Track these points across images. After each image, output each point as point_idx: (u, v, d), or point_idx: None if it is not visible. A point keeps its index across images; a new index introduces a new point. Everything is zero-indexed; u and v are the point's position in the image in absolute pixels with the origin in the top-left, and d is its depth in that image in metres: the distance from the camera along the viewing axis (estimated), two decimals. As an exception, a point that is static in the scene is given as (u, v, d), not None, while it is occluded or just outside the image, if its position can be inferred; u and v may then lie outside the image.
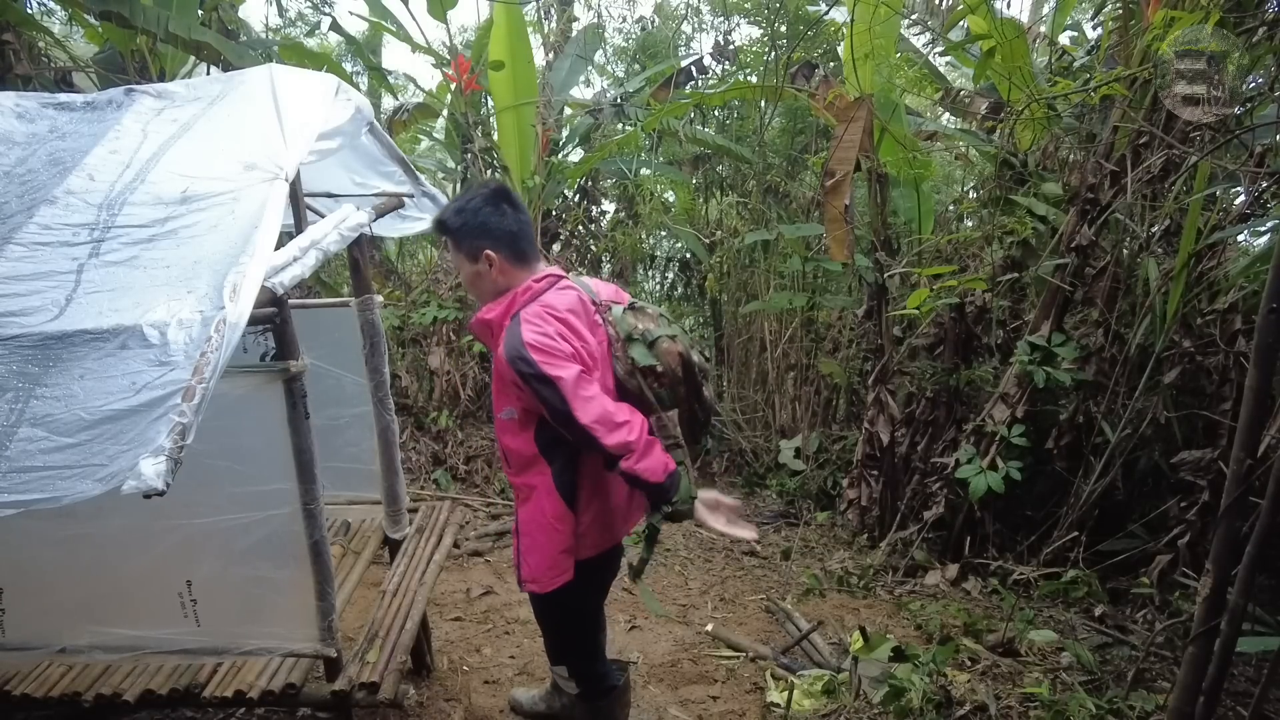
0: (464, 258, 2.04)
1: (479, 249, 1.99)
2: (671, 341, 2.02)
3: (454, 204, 2.08)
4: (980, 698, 2.79)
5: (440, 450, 5.61)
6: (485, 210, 2.00)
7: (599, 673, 2.29)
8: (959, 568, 3.99)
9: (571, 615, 2.22)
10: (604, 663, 2.33)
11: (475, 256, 2.01)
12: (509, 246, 2.01)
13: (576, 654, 2.27)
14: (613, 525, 2.13)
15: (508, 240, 2.01)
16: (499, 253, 2.00)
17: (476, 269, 2.02)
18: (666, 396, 2.03)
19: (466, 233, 2.01)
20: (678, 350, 2.02)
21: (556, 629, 2.25)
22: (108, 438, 1.28)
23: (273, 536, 1.95)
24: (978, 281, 4.12)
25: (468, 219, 2.01)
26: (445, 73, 6.42)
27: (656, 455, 1.85)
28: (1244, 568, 1.78)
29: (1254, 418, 1.74)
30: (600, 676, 2.29)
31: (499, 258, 2.00)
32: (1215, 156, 3.39)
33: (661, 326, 2.05)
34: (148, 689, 2.07)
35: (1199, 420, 3.74)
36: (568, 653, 2.28)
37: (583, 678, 2.28)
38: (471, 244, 2.00)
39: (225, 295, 1.44)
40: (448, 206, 2.12)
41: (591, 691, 2.29)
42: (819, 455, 5.46)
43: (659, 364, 1.98)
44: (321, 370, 2.53)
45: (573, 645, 2.26)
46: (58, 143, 2.00)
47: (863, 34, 4.15)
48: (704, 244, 6.52)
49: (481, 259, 2.00)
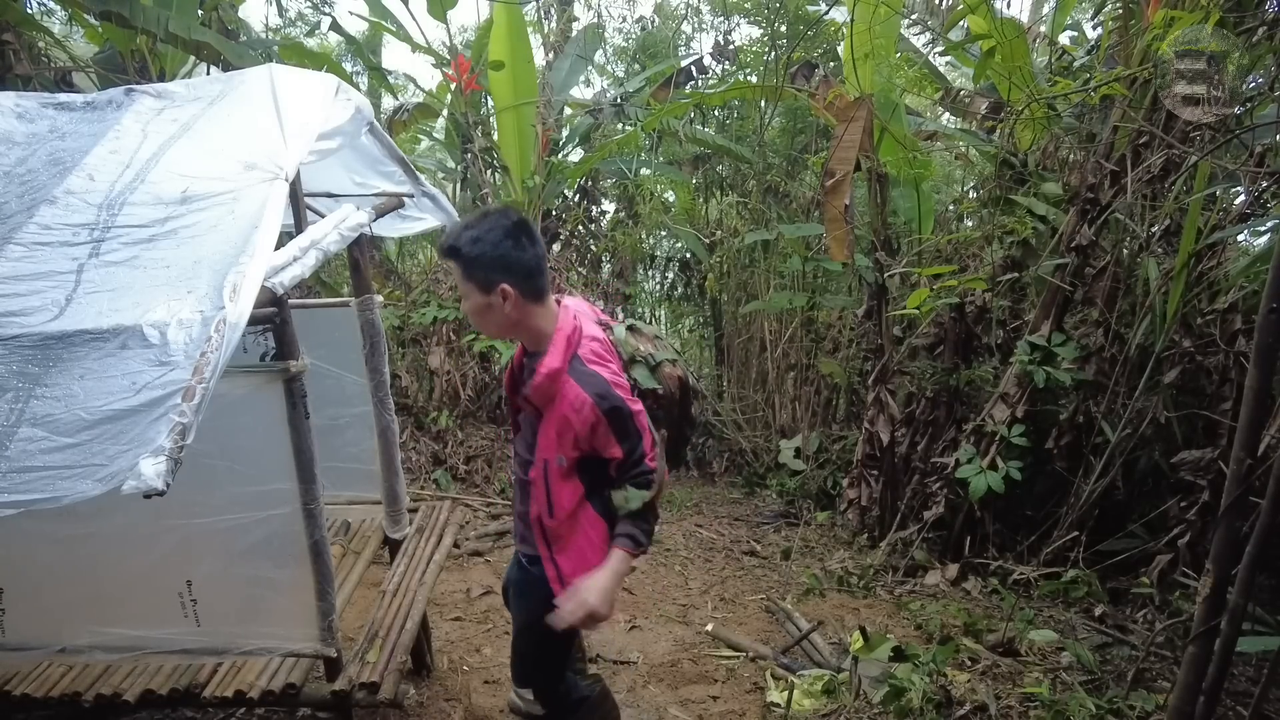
0: (475, 288, 1.92)
1: (494, 283, 1.89)
2: (673, 366, 2.08)
3: (469, 230, 1.92)
4: (980, 698, 2.79)
5: (440, 450, 5.61)
6: (505, 244, 1.89)
7: (563, 691, 2.26)
8: (959, 567, 3.99)
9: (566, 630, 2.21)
10: (567, 679, 2.29)
11: (489, 289, 1.90)
12: (526, 283, 1.92)
13: (549, 672, 2.23)
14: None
15: (525, 276, 1.92)
16: (516, 289, 1.91)
17: (488, 301, 1.91)
18: (662, 417, 2.07)
19: (483, 264, 1.89)
20: (678, 375, 2.08)
21: (543, 644, 2.18)
22: (108, 438, 1.28)
23: (273, 536, 1.94)
24: (978, 281, 4.13)
25: (485, 250, 1.88)
26: (445, 73, 6.43)
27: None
28: (1244, 567, 1.78)
29: (1254, 418, 1.74)
30: (564, 694, 2.26)
31: (515, 294, 1.90)
32: (1215, 156, 3.39)
33: (661, 350, 2.08)
34: (148, 689, 2.07)
35: (1199, 420, 3.74)
36: (542, 671, 2.24)
37: (549, 698, 2.24)
38: (486, 276, 1.90)
39: (225, 295, 1.44)
40: (460, 230, 1.94)
41: (558, 711, 2.25)
42: (819, 455, 5.46)
43: (660, 387, 2.03)
44: (321, 370, 2.52)
45: (553, 662, 2.22)
46: (58, 143, 2.00)
47: (863, 34, 4.15)
48: (704, 244, 6.53)
49: (495, 293, 1.89)
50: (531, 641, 2.22)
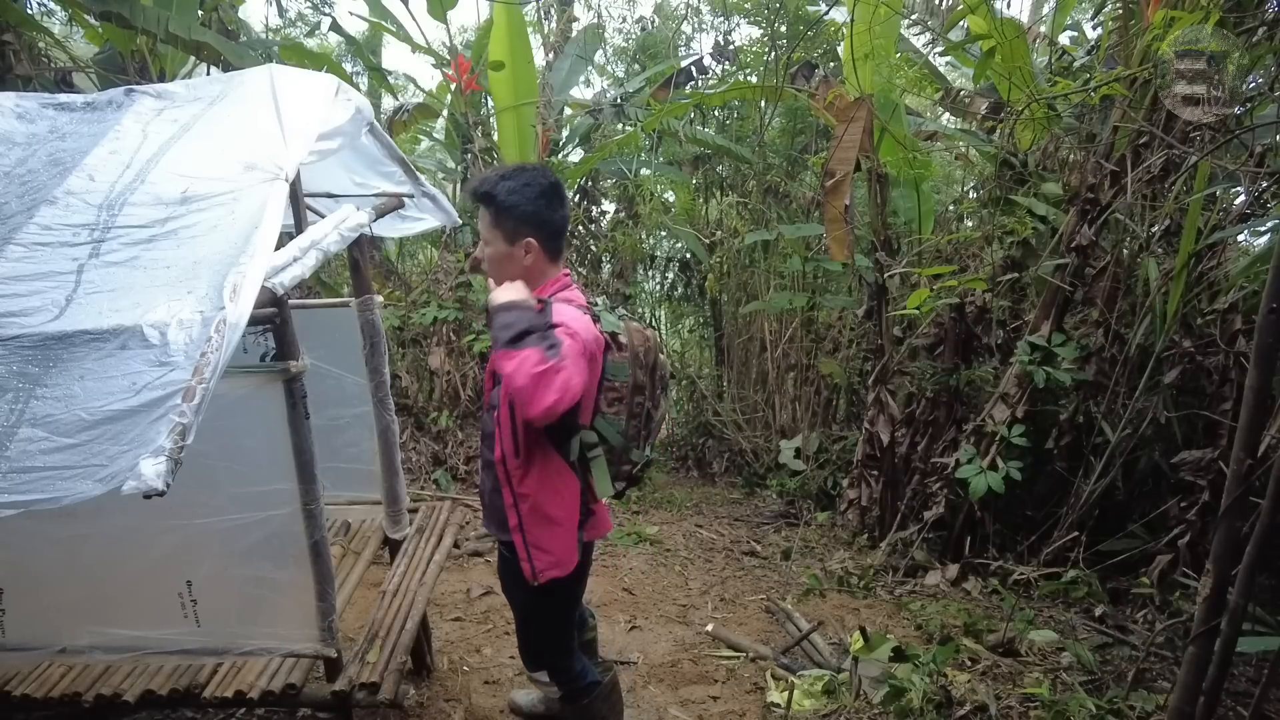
0: (500, 235, 1.99)
1: (521, 235, 1.97)
2: (644, 327, 2.06)
3: (506, 180, 1.97)
4: (980, 698, 2.79)
5: (440, 450, 5.61)
6: (540, 201, 1.97)
7: (577, 670, 2.29)
8: (959, 568, 3.99)
9: (568, 604, 2.23)
10: (579, 658, 2.33)
11: (514, 239, 1.98)
12: (550, 241, 2.02)
13: (557, 651, 2.27)
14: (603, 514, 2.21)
15: (551, 235, 2.01)
16: (540, 245, 1.99)
17: (510, 251, 1.99)
18: (624, 372, 1.98)
19: (515, 215, 1.96)
20: (646, 333, 2.05)
21: (546, 623, 2.24)
22: (108, 438, 1.28)
23: (273, 537, 1.94)
24: (978, 281, 4.13)
25: (520, 201, 1.96)
26: (445, 73, 6.43)
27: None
28: (1244, 568, 1.78)
29: (1254, 418, 1.74)
30: (579, 673, 2.30)
31: (539, 248, 1.99)
32: (1215, 156, 3.39)
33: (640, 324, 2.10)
34: (148, 689, 2.07)
35: (1199, 420, 3.74)
36: (549, 652, 2.28)
37: (564, 676, 2.28)
38: (515, 227, 1.97)
39: (225, 295, 1.44)
40: (497, 179, 1.99)
41: (574, 691, 2.29)
42: (819, 455, 5.46)
43: (621, 334, 1.98)
44: (322, 370, 2.52)
45: (558, 641, 2.26)
46: (58, 143, 2.00)
47: (863, 34, 4.15)
48: (704, 244, 6.53)
49: (520, 245, 1.98)
50: (530, 625, 2.28)
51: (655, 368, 2.06)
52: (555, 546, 2.02)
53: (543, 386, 1.70)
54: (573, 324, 1.86)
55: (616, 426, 1.99)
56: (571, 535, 2.04)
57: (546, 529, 2.01)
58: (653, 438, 2.14)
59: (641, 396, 2.03)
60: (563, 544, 2.03)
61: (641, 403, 2.03)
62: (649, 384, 2.05)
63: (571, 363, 1.75)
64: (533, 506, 2.00)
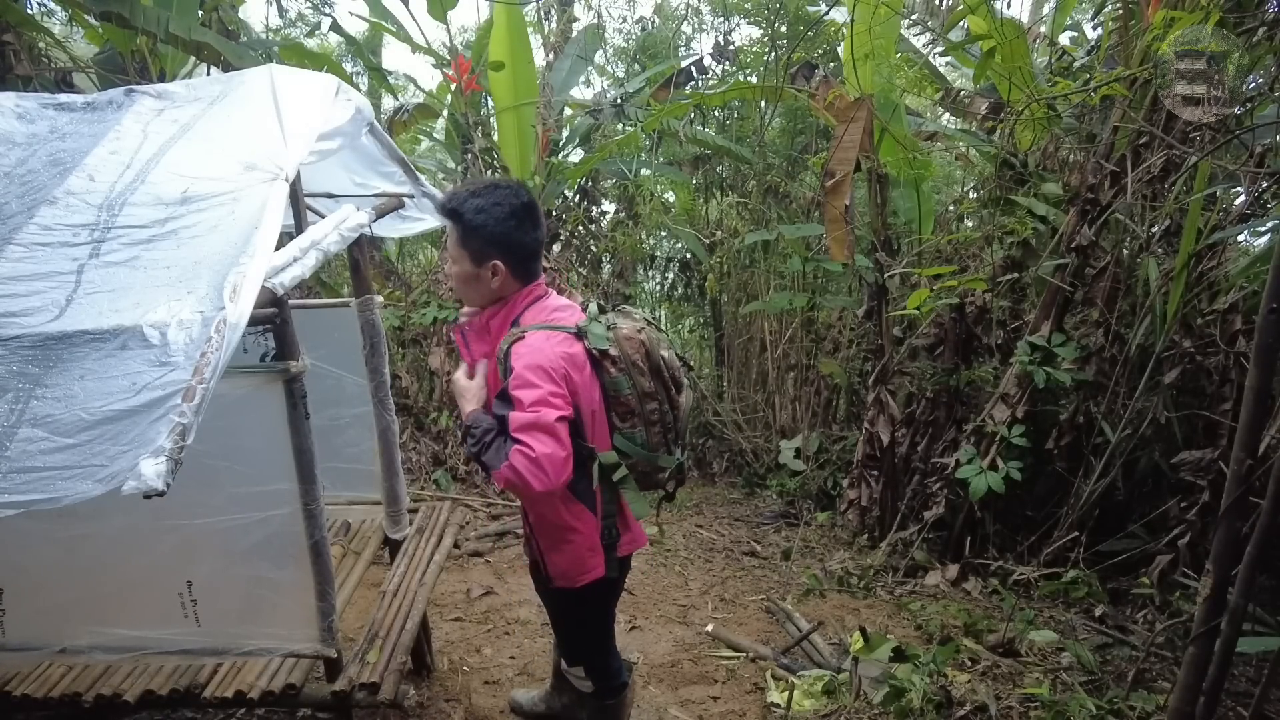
0: (467, 256, 1.92)
1: (489, 256, 1.90)
2: (634, 328, 1.92)
3: (475, 197, 1.90)
4: (980, 698, 2.79)
5: (440, 450, 5.61)
6: (509, 223, 1.89)
7: (614, 668, 2.30)
8: (959, 568, 3.99)
9: (599, 611, 2.22)
10: (617, 658, 2.34)
11: (481, 260, 1.91)
12: (520, 265, 1.94)
13: (596, 650, 2.27)
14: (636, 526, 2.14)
15: (521, 259, 1.94)
16: (508, 267, 1.92)
17: (477, 272, 1.93)
18: (625, 384, 1.89)
19: (482, 235, 1.89)
20: (639, 337, 1.91)
21: (580, 625, 2.23)
22: (108, 438, 1.28)
23: (273, 537, 1.94)
24: (978, 282, 4.12)
25: (488, 221, 1.88)
26: (445, 73, 6.43)
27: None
28: (1244, 568, 1.78)
29: (1254, 418, 1.74)
30: (615, 672, 2.31)
31: (505, 272, 1.92)
32: (1215, 156, 3.39)
33: (631, 320, 1.96)
34: (148, 689, 2.07)
35: (1199, 420, 3.74)
36: (588, 650, 2.28)
37: (600, 674, 2.28)
38: (482, 247, 1.90)
39: (225, 295, 1.44)
40: (466, 196, 1.91)
41: (605, 689, 2.30)
42: (819, 455, 5.46)
43: (611, 347, 1.88)
44: (321, 371, 2.53)
45: (595, 641, 2.26)
46: (58, 143, 2.00)
47: (863, 34, 4.15)
48: (704, 244, 6.53)
49: (486, 267, 1.91)
50: (560, 623, 2.30)
51: (661, 368, 1.95)
52: (562, 560, 2.02)
53: (528, 477, 1.71)
54: (531, 361, 1.78)
55: (637, 439, 1.92)
56: (581, 553, 2.00)
57: (555, 543, 2.01)
58: (681, 438, 2.04)
59: (654, 402, 1.94)
60: (570, 560, 2.01)
61: (656, 408, 1.94)
62: (658, 387, 1.95)
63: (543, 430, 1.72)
64: (539, 517, 2.02)
